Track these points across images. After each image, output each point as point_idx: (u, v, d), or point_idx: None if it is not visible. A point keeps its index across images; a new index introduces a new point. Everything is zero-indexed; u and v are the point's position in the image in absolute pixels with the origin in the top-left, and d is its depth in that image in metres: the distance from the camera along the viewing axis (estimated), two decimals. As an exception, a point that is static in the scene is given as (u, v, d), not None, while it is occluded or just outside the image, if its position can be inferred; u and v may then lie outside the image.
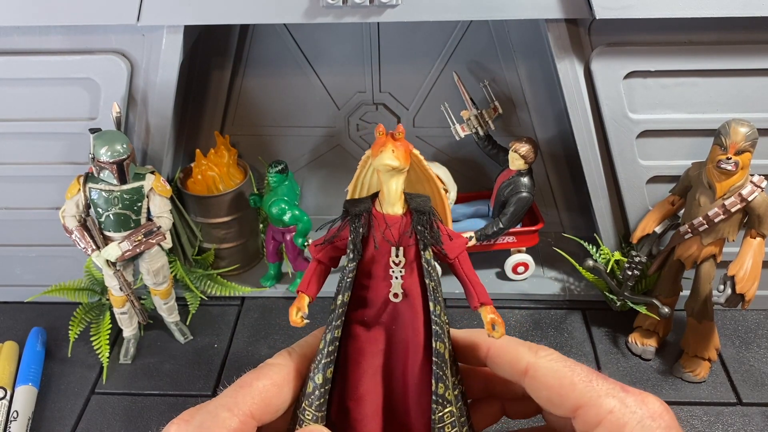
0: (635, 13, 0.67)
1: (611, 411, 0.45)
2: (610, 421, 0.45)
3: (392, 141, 0.47)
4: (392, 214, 0.48)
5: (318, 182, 0.96)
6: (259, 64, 0.88)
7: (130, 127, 0.77)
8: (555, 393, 0.47)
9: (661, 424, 0.44)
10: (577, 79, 0.73)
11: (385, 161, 0.46)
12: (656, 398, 0.45)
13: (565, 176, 0.92)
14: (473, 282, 0.49)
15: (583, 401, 0.46)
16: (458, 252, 0.48)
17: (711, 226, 0.69)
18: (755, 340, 0.80)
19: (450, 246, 0.48)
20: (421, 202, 0.48)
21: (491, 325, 0.47)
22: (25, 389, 0.73)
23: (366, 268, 0.48)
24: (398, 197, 0.48)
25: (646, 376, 0.75)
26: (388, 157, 0.46)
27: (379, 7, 0.68)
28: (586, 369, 0.47)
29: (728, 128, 0.66)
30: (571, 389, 0.46)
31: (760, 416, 0.71)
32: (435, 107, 0.87)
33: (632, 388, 0.46)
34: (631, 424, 0.44)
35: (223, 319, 0.84)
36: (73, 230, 0.71)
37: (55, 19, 0.70)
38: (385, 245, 0.47)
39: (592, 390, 0.46)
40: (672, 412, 0.45)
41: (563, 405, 0.47)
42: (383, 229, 0.48)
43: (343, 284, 0.48)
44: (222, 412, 0.46)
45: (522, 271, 0.87)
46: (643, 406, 0.45)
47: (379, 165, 0.46)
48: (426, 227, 0.47)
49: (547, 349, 0.49)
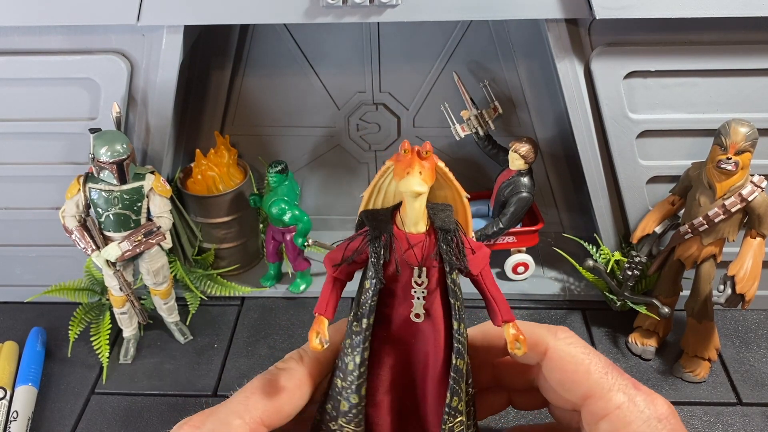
0: (635, 13, 0.67)
1: (619, 406, 0.45)
2: (617, 416, 0.45)
3: (419, 161, 0.43)
4: (415, 233, 0.45)
5: (318, 182, 0.96)
6: (259, 64, 0.88)
7: (130, 127, 0.77)
8: (569, 378, 0.47)
9: (666, 426, 0.44)
10: (577, 79, 0.73)
11: (413, 188, 0.42)
12: (665, 400, 0.45)
13: (565, 176, 0.92)
14: (497, 299, 0.47)
15: (594, 391, 0.46)
16: (481, 267, 0.46)
17: (711, 226, 0.69)
18: (755, 340, 0.80)
19: (474, 261, 0.46)
20: (446, 218, 0.45)
21: (515, 342, 0.46)
22: (25, 389, 0.73)
23: (387, 287, 0.46)
24: (422, 215, 0.45)
25: (646, 376, 0.75)
26: (417, 183, 0.42)
27: (379, 7, 0.68)
28: (603, 360, 0.47)
29: (728, 128, 0.66)
30: (585, 377, 0.47)
31: (760, 416, 0.71)
32: (435, 107, 0.87)
33: (644, 387, 0.46)
34: (636, 423, 0.44)
35: (223, 319, 0.84)
36: (73, 230, 0.71)
37: (55, 19, 0.70)
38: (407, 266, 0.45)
39: (605, 382, 0.46)
40: (678, 416, 0.45)
41: (574, 391, 0.47)
42: (405, 249, 0.45)
43: (366, 308, 0.45)
44: (233, 419, 0.45)
45: (522, 271, 0.87)
46: (651, 407, 0.45)
47: (406, 190, 0.43)
48: (451, 247, 0.45)
49: (566, 331, 0.49)
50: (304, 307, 0.86)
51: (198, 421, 0.46)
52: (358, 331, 0.46)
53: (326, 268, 0.47)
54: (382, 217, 0.46)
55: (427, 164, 0.43)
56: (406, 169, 0.43)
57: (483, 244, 0.47)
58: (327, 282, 0.47)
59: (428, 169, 0.43)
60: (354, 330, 0.46)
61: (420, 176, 0.42)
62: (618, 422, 0.45)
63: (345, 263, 0.46)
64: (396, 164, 0.44)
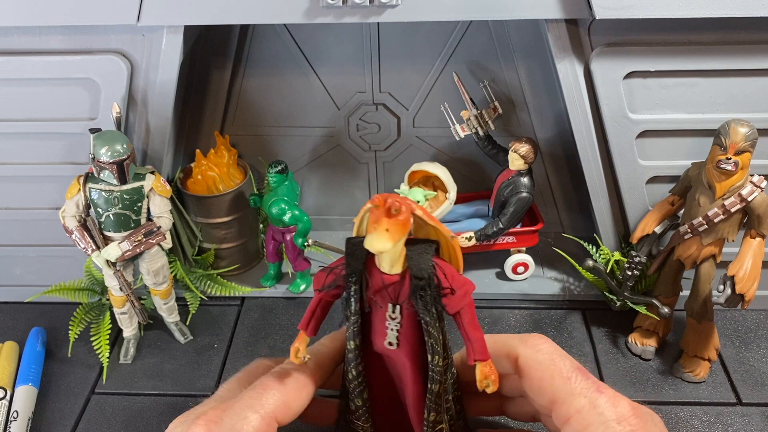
0: (635, 13, 0.67)
1: (579, 410, 0.45)
2: (577, 420, 0.45)
3: (387, 219, 0.41)
4: (389, 274, 0.45)
5: (318, 182, 0.96)
6: (259, 64, 0.88)
7: (130, 127, 0.77)
8: (536, 384, 0.49)
9: (626, 427, 0.44)
10: (577, 79, 0.73)
11: (375, 247, 0.41)
12: (628, 402, 0.45)
13: (565, 176, 0.92)
14: (472, 338, 0.47)
15: (558, 396, 0.47)
16: (459, 307, 0.46)
17: (711, 226, 0.69)
18: (755, 340, 0.80)
19: (451, 302, 0.46)
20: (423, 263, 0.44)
21: (483, 380, 0.47)
22: (25, 389, 0.73)
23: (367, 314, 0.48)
24: (396, 258, 0.45)
25: (645, 376, 0.75)
26: (380, 241, 0.41)
27: (379, 7, 0.68)
28: (570, 365, 0.48)
29: (728, 128, 0.66)
30: (550, 382, 0.48)
31: (760, 416, 0.71)
32: (435, 107, 0.87)
33: (609, 389, 0.46)
34: (594, 425, 0.44)
35: (223, 319, 0.84)
36: (73, 230, 0.71)
37: (55, 19, 0.70)
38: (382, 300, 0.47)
39: (567, 387, 0.47)
40: (643, 417, 0.45)
41: (542, 397, 0.49)
42: (378, 288, 0.45)
43: (350, 332, 0.48)
44: (249, 413, 0.47)
45: (522, 271, 0.88)
46: (612, 409, 0.45)
47: (369, 248, 0.42)
48: (425, 293, 0.44)
49: (538, 339, 0.50)
50: (304, 307, 0.85)
51: (215, 416, 0.47)
52: (350, 349, 0.48)
53: (314, 287, 0.49)
54: (359, 253, 0.46)
55: (399, 219, 0.42)
56: (374, 225, 0.42)
57: (467, 280, 0.47)
58: (313, 300, 0.49)
59: (399, 224, 0.42)
60: (348, 346, 0.49)
61: (387, 234, 0.41)
62: (578, 426, 0.45)
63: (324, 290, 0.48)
64: (370, 214, 0.43)
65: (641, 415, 0.45)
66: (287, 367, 0.51)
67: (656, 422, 0.47)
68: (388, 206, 0.42)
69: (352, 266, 0.46)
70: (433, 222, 0.45)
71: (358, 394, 0.49)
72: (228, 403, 0.48)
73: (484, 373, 0.47)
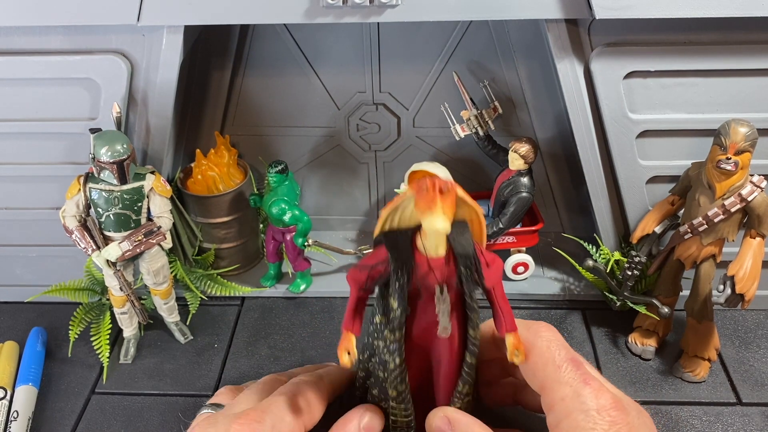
0: (635, 13, 0.67)
1: (563, 398, 0.46)
2: (560, 407, 0.46)
3: (441, 198, 0.43)
4: (436, 257, 0.46)
5: (318, 182, 0.96)
6: (259, 64, 0.88)
7: (130, 127, 0.77)
8: (530, 369, 0.49)
9: (605, 418, 0.44)
10: (577, 79, 0.73)
11: (438, 227, 0.43)
12: (611, 395, 0.46)
13: (565, 176, 0.92)
14: (504, 312, 0.49)
15: (546, 383, 0.48)
16: (495, 281, 0.48)
17: (711, 226, 0.69)
18: (755, 340, 0.80)
19: (489, 276, 0.47)
20: (465, 243, 0.46)
21: (514, 351, 0.48)
22: (25, 389, 0.73)
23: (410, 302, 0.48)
24: (442, 241, 0.46)
25: (645, 376, 0.75)
26: (441, 223, 0.43)
27: (379, 7, 0.68)
28: (565, 355, 0.48)
29: (728, 128, 0.66)
30: (541, 368, 0.48)
31: (760, 416, 0.71)
32: (435, 107, 0.87)
33: (596, 381, 0.47)
34: (575, 414, 0.45)
35: (223, 319, 0.84)
36: (74, 230, 0.71)
37: (55, 19, 0.70)
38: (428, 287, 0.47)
39: (557, 375, 0.47)
40: (625, 410, 0.45)
41: (533, 382, 0.49)
42: (426, 272, 0.46)
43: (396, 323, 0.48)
44: (286, 416, 0.48)
45: (522, 271, 0.88)
46: (594, 400, 0.45)
47: (430, 230, 0.44)
48: (470, 271, 0.46)
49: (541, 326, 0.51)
50: (304, 307, 0.86)
51: (256, 416, 0.48)
52: (393, 340, 0.48)
53: (350, 286, 0.50)
54: (403, 244, 0.47)
55: (449, 198, 0.43)
56: (430, 207, 0.43)
57: (497, 256, 0.48)
58: (351, 299, 0.50)
59: (449, 203, 0.43)
60: (387, 338, 0.49)
61: (443, 215, 0.43)
62: (560, 413, 0.46)
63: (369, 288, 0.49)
64: (418, 198, 0.44)
65: (623, 408, 0.45)
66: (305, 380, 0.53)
67: (642, 416, 0.47)
68: (439, 187, 0.43)
69: (401, 259, 0.46)
70: (469, 199, 0.47)
71: (400, 381, 0.49)
72: (264, 405, 0.49)
73: (515, 344, 0.48)
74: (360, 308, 0.50)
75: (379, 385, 0.52)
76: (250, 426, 0.46)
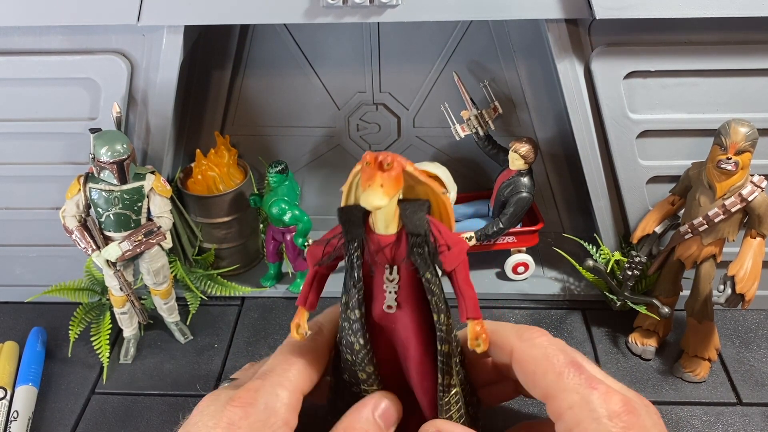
0: (635, 13, 0.67)
1: (571, 406, 0.45)
2: (569, 416, 0.45)
3: (380, 174, 0.42)
4: (385, 235, 0.45)
5: (318, 182, 0.96)
6: (259, 64, 0.88)
7: (130, 127, 0.77)
8: (530, 379, 0.48)
9: (618, 423, 0.43)
10: (577, 79, 0.73)
11: (372, 203, 0.42)
12: (622, 397, 0.45)
13: (565, 176, 0.92)
14: (465, 295, 0.47)
15: (550, 392, 0.47)
16: (455, 264, 0.46)
17: (711, 226, 0.69)
18: (755, 340, 0.80)
19: (447, 258, 0.46)
20: (417, 221, 0.45)
21: (475, 339, 0.47)
22: (25, 389, 0.73)
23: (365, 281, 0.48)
24: (392, 218, 0.45)
25: (646, 376, 0.75)
26: (376, 196, 0.41)
27: (379, 7, 0.68)
28: (564, 360, 0.47)
29: (728, 128, 0.66)
30: (542, 378, 0.47)
31: (760, 416, 0.71)
32: (435, 107, 0.87)
33: (603, 384, 0.46)
34: (586, 422, 0.44)
35: (223, 319, 0.84)
36: (74, 230, 0.71)
37: (55, 19, 0.70)
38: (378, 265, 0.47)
39: (560, 382, 0.46)
40: (636, 412, 0.44)
41: (536, 391, 0.48)
42: (376, 250, 0.46)
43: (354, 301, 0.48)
44: (280, 391, 0.49)
45: (522, 271, 0.88)
46: (604, 405, 0.44)
47: (365, 205, 0.42)
48: (422, 250, 0.45)
49: (534, 333, 0.50)
50: (304, 307, 0.86)
51: (248, 398, 0.48)
52: (354, 319, 0.48)
53: (308, 263, 0.50)
54: (356, 219, 0.46)
55: (392, 174, 0.42)
56: (368, 182, 0.42)
57: (462, 239, 0.47)
58: (309, 275, 0.50)
59: (392, 179, 0.42)
60: (350, 317, 0.48)
61: (381, 189, 0.42)
62: (570, 422, 0.45)
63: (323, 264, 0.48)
64: (361, 174, 0.44)
65: (634, 410, 0.44)
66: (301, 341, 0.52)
67: (651, 414, 0.47)
68: (380, 161, 0.42)
69: (351, 233, 0.46)
70: (424, 178, 0.45)
71: (368, 363, 0.49)
72: (256, 383, 0.49)
73: (476, 332, 0.47)
74: (317, 284, 0.49)
75: (349, 369, 0.51)
76: (244, 409, 0.47)
